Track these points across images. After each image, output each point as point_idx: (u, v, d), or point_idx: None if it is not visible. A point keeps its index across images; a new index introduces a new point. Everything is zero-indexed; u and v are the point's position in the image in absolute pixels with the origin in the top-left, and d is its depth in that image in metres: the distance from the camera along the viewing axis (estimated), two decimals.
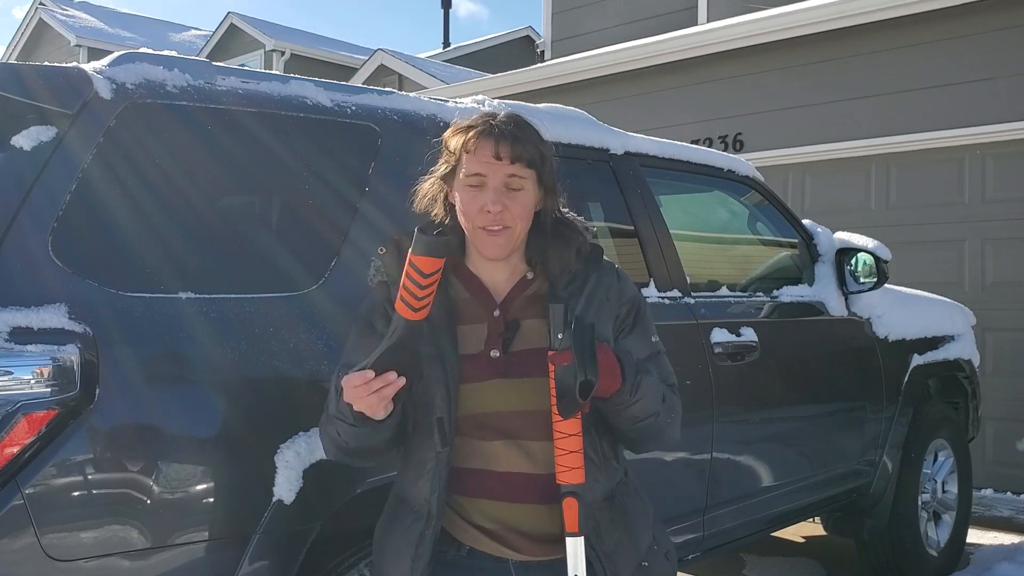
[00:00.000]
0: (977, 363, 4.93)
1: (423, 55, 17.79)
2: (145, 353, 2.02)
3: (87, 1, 24.08)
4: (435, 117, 2.78)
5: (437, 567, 1.85)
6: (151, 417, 2.01)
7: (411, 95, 2.89)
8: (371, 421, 1.73)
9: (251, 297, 2.21)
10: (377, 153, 2.58)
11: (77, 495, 1.90)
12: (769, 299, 3.79)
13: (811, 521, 4.67)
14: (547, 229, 1.88)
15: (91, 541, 1.92)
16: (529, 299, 1.88)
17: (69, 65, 2.23)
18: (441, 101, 2.91)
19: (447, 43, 19.56)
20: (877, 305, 4.22)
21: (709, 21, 9.11)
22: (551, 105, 3.39)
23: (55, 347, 1.87)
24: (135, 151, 2.17)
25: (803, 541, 5.34)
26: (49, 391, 1.86)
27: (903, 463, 4.31)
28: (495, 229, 1.79)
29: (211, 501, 2.08)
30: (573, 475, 1.74)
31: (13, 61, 2.38)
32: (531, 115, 3.06)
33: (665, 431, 1.91)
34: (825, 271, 4.09)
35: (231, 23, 20.00)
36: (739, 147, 7.56)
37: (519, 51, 18.43)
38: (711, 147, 7.07)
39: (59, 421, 1.87)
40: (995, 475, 6.36)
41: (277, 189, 2.54)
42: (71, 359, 1.88)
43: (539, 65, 10.02)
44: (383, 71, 15.24)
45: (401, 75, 14.88)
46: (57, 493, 1.88)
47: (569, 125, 3.24)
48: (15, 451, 1.82)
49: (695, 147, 3.97)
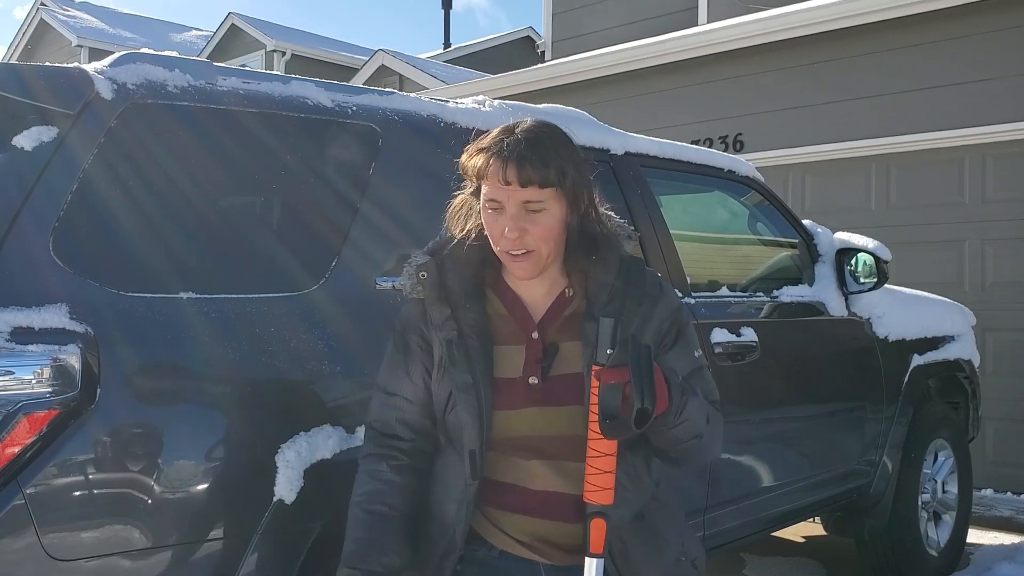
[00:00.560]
0: (977, 363, 4.93)
1: (424, 55, 17.79)
2: (146, 353, 2.02)
3: (88, 1, 24.09)
4: (436, 117, 2.78)
5: (467, 565, 1.83)
6: (152, 417, 2.02)
7: (412, 95, 2.90)
8: None
9: (252, 297, 2.22)
10: (378, 153, 2.58)
11: (78, 495, 1.90)
12: (769, 299, 3.79)
13: (811, 521, 4.67)
14: (584, 242, 1.79)
15: (92, 541, 1.92)
16: (567, 319, 1.82)
17: (70, 65, 2.23)
18: (442, 101, 2.91)
19: (448, 43, 19.55)
20: (877, 305, 4.22)
21: (710, 21, 9.12)
22: (551, 106, 3.39)
23: (56, 347, 1.87)
24: (136, 151, 2.18)
25: (803, 541, 5.34)
26: (50, 391, 1.86)
27: (903, 463, 4.31)
28: (517, 254, 1.74)
29: (212, 501, 2.08)
30: (603, 495, 1.68)
31: (14, 61, 2.38)
32: (532, 115, 3.08)
33: (708, 451, 1.84)
34: (825, 271, 4.09)
35: (232, 23, 20.00)
36: (739, 147, 7.56)
37: (520, 51, 18.43)
38: (711, 147, 7.08)
39: (60, 421, 1.87)
40: (995, 475, 6.36)
41: (278, 189, 2.54)
42: (72, 359, 1.88)
43: (540, 65, 10.02)
44: (384, 71, 15.25)
45: (402, 75, 14.88)
46: (58, 493, 1.88)
47: (569, 125, 3.19)
48: (16, 451, 1.82)
49: (695, 147, 3.97)
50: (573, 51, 10.07)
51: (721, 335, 3.35)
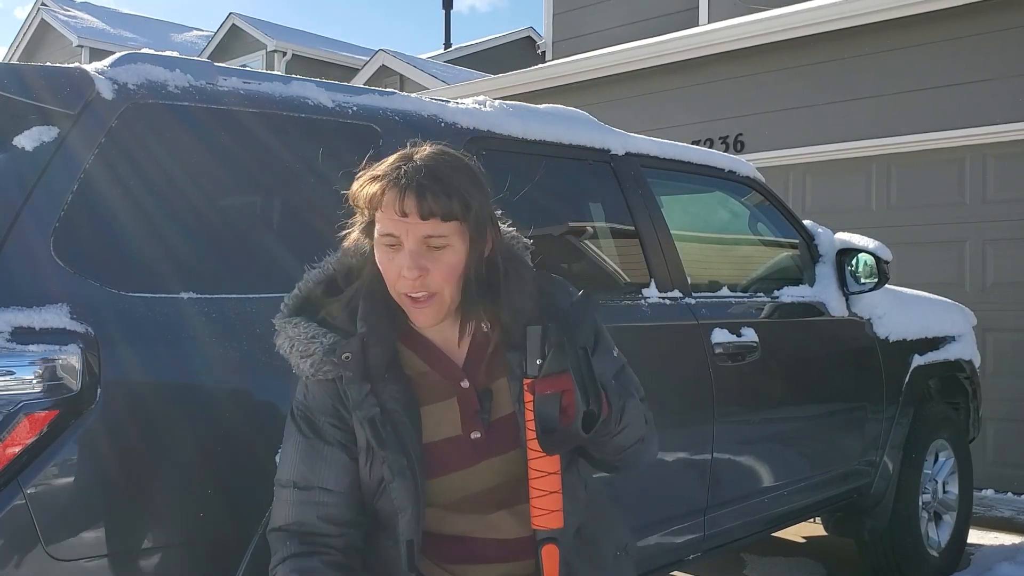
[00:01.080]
0: (978, 363, 4.93)
1: (424, 56, 17.79)
2: (146, 353, 2.02)
3: (89, 2, 24.09)
4: (436, 118, 2.78)
5: None
6: (152, 417, 2.01)
7: (412, 96, 2.90)
8: None
9: (253, 297, 2.22)
10: (378, 154, 2.57)
11: (78, 495, 1.90)
12: (770, 299, 3.79)
13: (812, 521, 4.67)
14: (491, 276, 1.62)
15: (92, 541, 1.92)
16: (491, 357, 1.67)
17: (71, 66, 2.23)
18: (442, 102, 2.91)
19: (448, 44, 19.55)
20: (878, 305, 4.22)
21: (710, 22, 9.12)
22: (552, 106, 3.39)
23: (57, 347, 1.87)
24: (137, 151, 2.17)
25: (804, 541, 5.34)
26: (50, 391, 1.86)
27: (904, 463, 4.31)
28: (418, 297, 1.56)
29: (212, 501, 2.08)
30: (551, 519, 1.56)
31: (15, 62, 2.38)
32: (533, 114, 3.09)
33: (648, 453, 1.76)
34: (826, 272, 4.09)
35: (233, 24, 20.00)
36: (740, 148, 7.56)
37: (520, 52, 18.43)
38: (712, 148, 7.08)
39: (60, 421, 1.87)
40: (996, 475, 6.36)
41: (278, 189, 2.54)
42: (72, 359, 1.88)
43: (540, 66, 10.02)
44: (384, 72, 15.25)
45: (402, 76, 14.88)
46: (59, 493, 1.88)
47: (570, 126, 3.25)
48: (16, 451, 1.82)
49: (696, 148, 3.97)
50: (574, 51, 10.07)
51: (722, 335, 3.35)
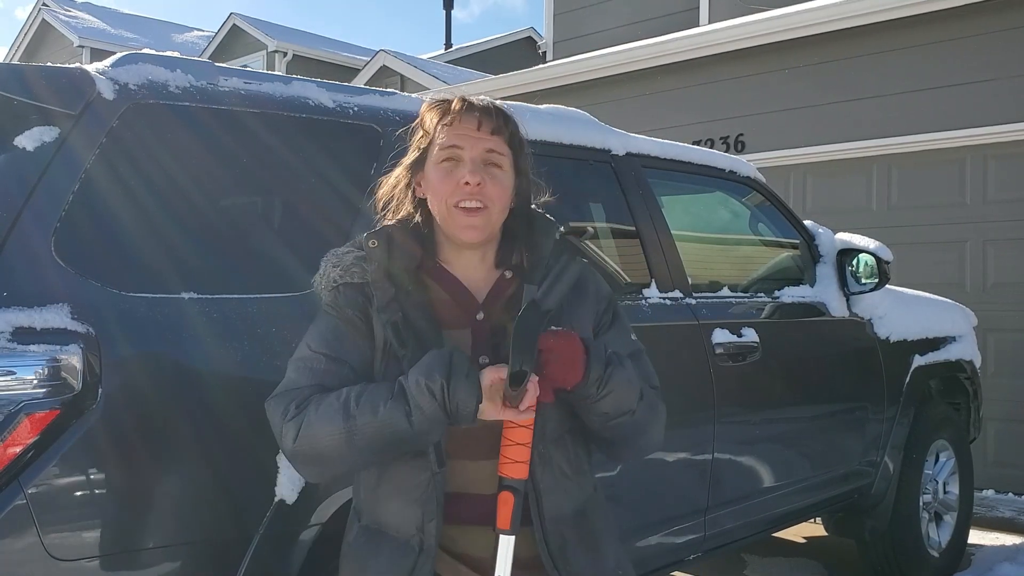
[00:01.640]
0: (978, 364, 4.94)
1: (425, 56, 17.79)
2: (147, 353, 2.02)
3: (90, 2, 24.10)
4: None
5: None
6: (153, 417, 2.01)
7: (413, 96, 2.90)
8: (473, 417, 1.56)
9: (253, 297, 2.22)
10: (379, 154, 2.58)
11: (79, 495, 1.91)
12: (770, 300, 3.79)
13: (812, 522, 4.67)
14: (521, 223, 1.79)
15: (93, 541, 1.92)
16: (509, 300, 1.75)
17: (72, 66, 2.23)
18: None
19: (449, 44, 19.55)
20: (878, 306, 4.23)
21: (711, 22, 9.11)
22: (553, 106, 3.39)
23: (58, 347, 1.87)
24: (138, 151, 2.18)
25: (804, 542, 5.34)
26: (51, 391, 1.86)
27: (904, 464, 4.31)
28: (472, 206, 1.67)
29: (213, 501, 2.08)
30: (516, 468, 1.60)
31: (16, 62, 2.38)
32: (533, 114, 3.09)
33: (645, 433, 1.76)
34: (826, 272, 4.09)
35: (233, 24, 20.01)
36: (741, 148, 7.56)
37: (521, 52, 18.42)
38: (712, 148, 7.07)
39: (61, 421, 1.87)
40: (996, 476, 6.36)
41: (279, 190, 2.55)
42: (73, 359, 1.88)
43: (541, 66, 10.02)
44: (385, 72, 15.25)
45: (403, 76, 14.89)
46: (59, 493, 1.88)
47: (571, 126, 3.25)
48: (17, 451, 1.82)
49: (697, 148, 3.97)
50: (574, 51, 10.07)
51: (722, 336, 3.35)
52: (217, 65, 2.47)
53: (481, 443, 1.66)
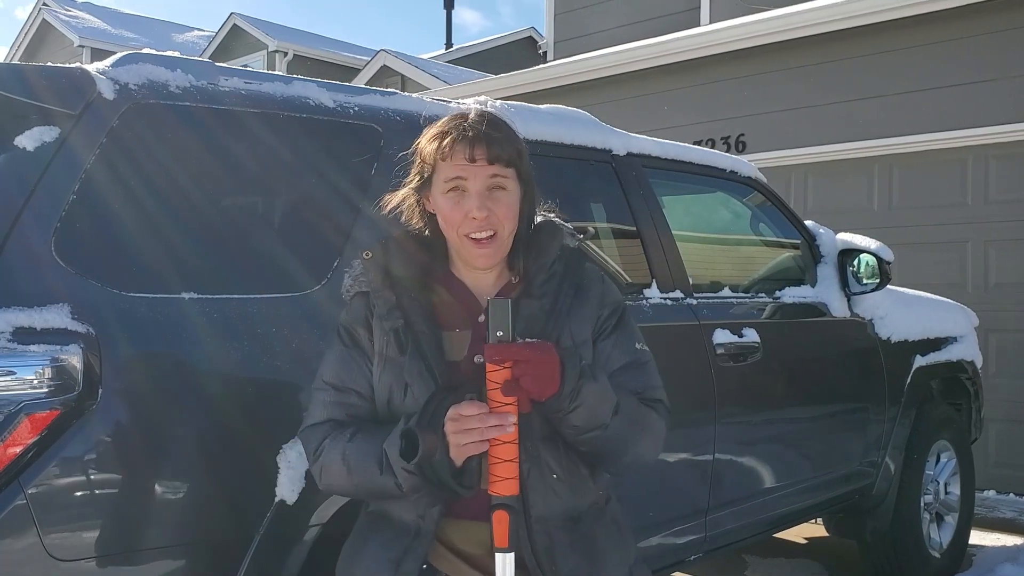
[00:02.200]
0: (980, 364, 4.93)
1: (425, 56, 17.80)
2: (148, 353, 2.02)
3: (90, 2, 24.11)
4: (438, 118, 2.76)
5: None
6: (153, 417, 2.02)
7: (414, 96, 2.90)
8: (455, 471, 1.60)
9: (254, 298, 2.22)
10: (379, 154, 2.58)
11: (80, 495, 1.91)
12: (771, 300, 3.79)
13: (813, 522, 4.67)
14: (526, 227, 1.82)
15: (93, 541, 1.92)
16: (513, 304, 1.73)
17: (72, 66, 2.23)
18: (444, 102, 2.91)
19: (450, 44, 19.56)
20: (880, 306, 4.22)
21: (712, 22, 9.11)
22: (554, 106, 3.39)
23: (58, 347, 1.87)
24: (138, 151, 2.18)
25: (805, 542, 5.34)
26: (52, 391, 1.86)
27: (905, 464, 4.31)
28: (482, 237, 1.72)
29: (213, 501, 2.08)
30: (505, 486, 1.60)
31: (16, 62, 2.38)
32: (534, 115, 3.09)
33: (627, 450, 1.75)
34: (827, 272, 4.09)
35: (234, 24, 20.02)
36: (741, 148, 7.56)
37: (522, 52, 18.43)
38: (713, 148, 7.07)
39: (62, 421, 1.87)
40: (998, 476, 6.35)
41: (280, 190, 2.54)
42: (74, 359, 1.88)
43: (542, 66, 10.02)
44: (386, 72, 15.26)
45: (404, 76, 14.90)
46: (60, 493, 1.88)
47: (571, 126, 3.25)
48: (18, 451, 1.82)
49: (697, 148, 3.97)
50: (575, 51, 10.07)
51: (723, 336, 3.35)
52: (217, 65, 2.47)
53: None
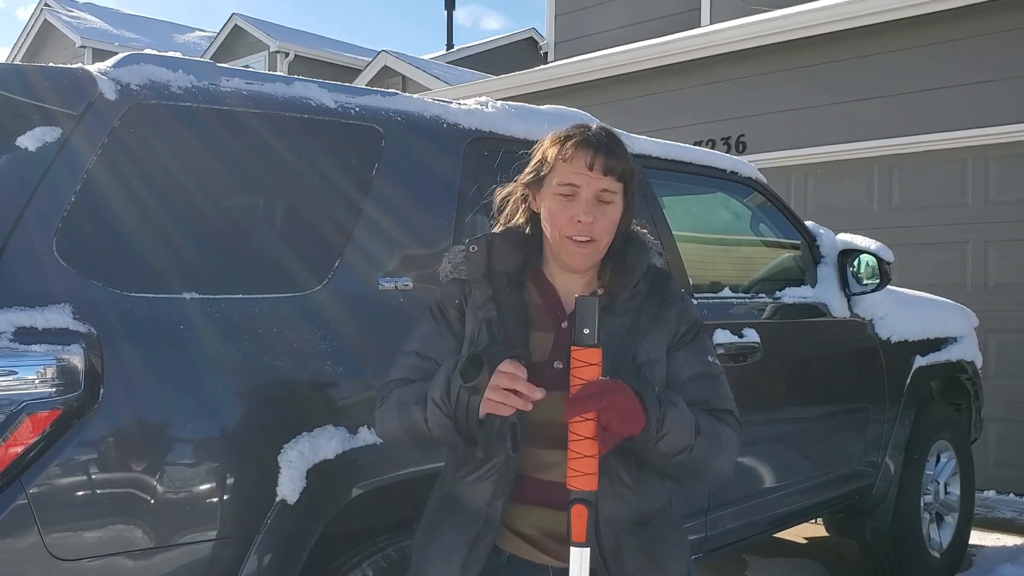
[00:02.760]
0: (980, 364, 4.93)
1: (427, 57, 17.79)
2: (149, 353, 2.03)
3: (92, 2, 24.12)
4: (439, 119, 2.78)
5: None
6: (155, 417, 2.02)
7: (415, 96, 2.90)
8: (477, 421, 1.69)
9: (255, 298, 2.22)
10: (380, 154, 2.58)
11: (81, 495, 1.91)
12: (771, 300, 3.79)
13: (813, 522, 4.67)
14: (620, 244, 1.89)
15: (95, 541, 1.92)
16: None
17: (74, 66, 2.24)
18: (444, 103, 2.91)
19: (451, 45, 19.55)
20: (880, 307, 4.22)
21: (712, 23, 9.12)
22: (554, 106, 3.39)
23: (59, 347, 1.88)
24: (139, 152, 2.18)
25: (805, 542, 5.34)
26: (53, 391, 1.86)
27: (905, 464, 4.31)
28: (582, 240, 1.80)
29: (215, 501, 2.08)
30: (585, 480, 1.66)
31: (18, 62, 2.39)
32: (535, 115, 3.09)
33: (709, 466, 1.81)
34: (828, 273, 4.09)
35: (235, 24, 20.02)
36: (742, 149, 7.56)
37: (522, 53, 18.43)
38: (714, 149, 7.07)
39: (63, 421, 1.88)
40: (998, 477, 6.36)
41: (281, 190, 2.55)
42: (75, 359, 1.89)
43: (542, 67, 10.02)
44: (387, 72, 15.26)
45: (405, 76, 14.89)
46: (61, 493, 1.88)
47: None
48: (19, 451, 1.83)
49: (698, 148, 3.97)
50: (576, 52, 10.07)
51: (723, 336, 3.35)
52: (219, 65, 2.47)
53: (543, 437, 1.79)
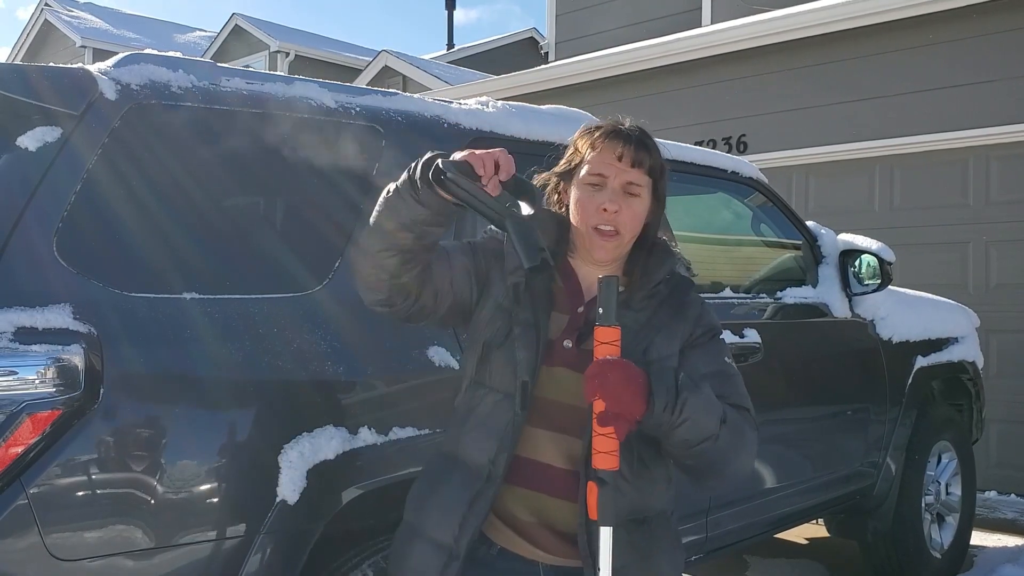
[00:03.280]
0: (981, 365, 4.93)
1: (427, 56, 17.78)
2: (149, 353, 2.02)
3: (92, 2, 24.13)
4: (439, 118, 2.78)
5: (466, 566, 1.81)
6: (155, 417, 2.02)
7: (415, 96, 2.90)
8: (441, 205, 1.72)
9: (255, 298, 2.22)
10: (381, 154, 2.58)
11: (81, 495, 1.91)
12: (773, 301, 3.79)
13: (814, 523, 4.67)
14: (646, 246, 1.91)
15: (95, 541, 1.92)
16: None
17: (74, 66, 2.24)
18: (445, 102, 2.91)
19: (451, 44, 19.55)
20: (881, 307, 4.22)
21: (713, 23, 9.11)
22: (555, 106, 3.39)
23: (59, 347, 1.87)
24: (140, 152, 2.18)
25: (806, 543, 5.33)
26: (53, 391, 1.86)
27: (907, 465, 4.30)
28: (608, 230, 1.82)
29: (215, 501, 2.08)
30: (607, 460, 1.66)
31: (18, 62, 2.39)
32: (535, 115, 3.08)
33: (731, 461, 1.80)
34: (829, 273, 4.09)
35: (236, 24, 20.02)
36: (743, 149, 7.56)
37: (523, 53, 18.42)
38: (715, 148, 7.07)
39: (63, 421, 1.87)
40: (999, 477, 6.35)
41: (281, 190, 2.55)
42: (75, 359, 1.89)
43: (543, 67, 10.02)
44: (387, 72, 15.25)
45: (405, 76, 14.89)
46: (61, 493, 1.88)
47: (573, 127, 3.23)
48: (19, 451, 1.83)
49: (699, 148, 3.97)
50: (576, 52, 10.07)
51: (724, 336, 3.34)
52: (219, 65, 2.47)
53: (540, 414, 1.81)
